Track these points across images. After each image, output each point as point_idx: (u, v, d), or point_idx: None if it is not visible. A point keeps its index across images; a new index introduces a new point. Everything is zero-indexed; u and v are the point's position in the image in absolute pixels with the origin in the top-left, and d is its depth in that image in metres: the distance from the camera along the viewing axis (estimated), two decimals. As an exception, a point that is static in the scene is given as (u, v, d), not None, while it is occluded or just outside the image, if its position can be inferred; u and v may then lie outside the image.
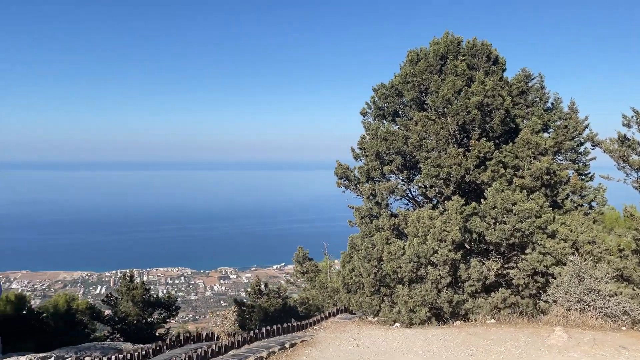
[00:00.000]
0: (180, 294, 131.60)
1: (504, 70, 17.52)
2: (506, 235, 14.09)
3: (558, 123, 17.82)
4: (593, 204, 17.29)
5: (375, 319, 15.19)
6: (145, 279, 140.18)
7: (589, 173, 18.10)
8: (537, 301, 14.15)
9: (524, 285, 14.45)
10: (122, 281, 30.08)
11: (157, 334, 29.69)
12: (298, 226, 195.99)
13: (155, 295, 30.55)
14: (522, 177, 15.16)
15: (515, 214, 13.99)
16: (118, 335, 28.44)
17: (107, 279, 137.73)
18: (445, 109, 15.57)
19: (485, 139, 15.56)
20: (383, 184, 16.45)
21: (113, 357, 10.35)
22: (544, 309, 13.48)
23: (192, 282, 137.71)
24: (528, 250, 14.37)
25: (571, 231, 14.55)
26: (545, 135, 17.43)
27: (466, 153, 15.49)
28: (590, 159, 17.98)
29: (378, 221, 16.31)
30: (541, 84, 18.60)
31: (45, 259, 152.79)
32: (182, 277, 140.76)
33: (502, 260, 14.97)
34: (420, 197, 17.55)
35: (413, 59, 16.93)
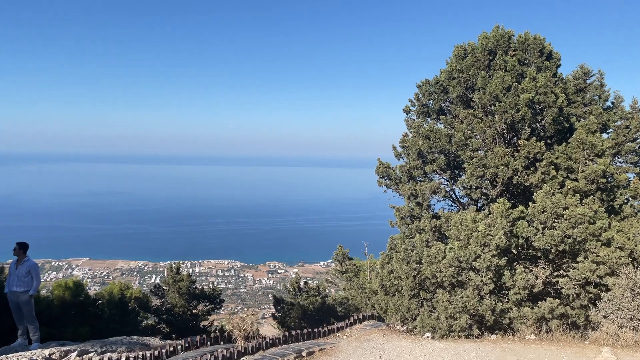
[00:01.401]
0: (230, 286, 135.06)
1: (559, 66, 16.47)
2: (556, 242, 13.19)
3: (618, 123, 16.58)
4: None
5: (405, 327, 14.64)
6: (197, 270, 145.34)
7: (653, 176, 16.75)
8: (588, 313, 13.19)
9: (574, 296, 13.52)
10: (169, 272, 30.86)
11: (201, 326, 30.36)
12: (344, 224, 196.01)
13: (200, 288, 31.13)
14: (575, 180, 14.17)
15: (566, 219, 13.07)
16: (164, 326, 29.23)
17: (161, 268, 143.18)
18: (492, 107, 14.77)
19: (535, 138, 14.65)
20: (425, 184, 15.86)
21: (124, 357, 10.36)
22: (595, 322, 12.52)
23: (242, 275, 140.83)
24: (580, 259, 13.41)
25: (629, 239, 13.47)
26: (604, 135, 16.29)
27: (514, 153, 14.65)
28: (655, 162, 16.63)
29: (419, 222, 15.75)
30: (601, 82, 17.38)
31: (105, 248, 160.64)
32: (232, 270, 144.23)
33: (550, 268, 14.07)
34: (465, 199, 16.81)
35: (460, 54, 16.20)
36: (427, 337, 13.59)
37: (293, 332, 13.00)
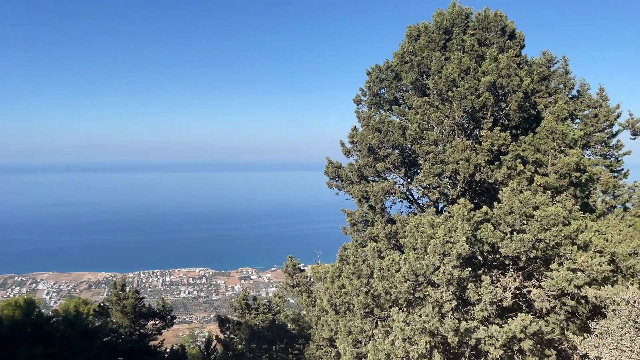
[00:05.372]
0: (202, 294, 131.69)
1: (523, 47, 14.66)
2: (526, 248, 11.26)
3: (586, 112, 14.98)
4: (628, 204, 14.38)
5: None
6: (167, 279, 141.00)
7: (622, 169, 15.28)
8: (567, 330, 11.30)
9: (549, 309, 11.61)
10: (113, 290, 28.10)
11: (151, 346, 27.78)
12: (317, 227, 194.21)
13: (148, 305, 28.43)
14: (545, 174, 12.30)
15: (537, 221, 11.18)
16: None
17: (130, 279, 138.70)
18: (450, 93, 12.80)
19: (499, 128, 12.74)
20: (377, 184, 13.79)
21: None
22: (576, 343, 10.58)
23: (214, 283, 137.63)
24: (554, 266, 11.52)
25: (607, 240, 11.67)
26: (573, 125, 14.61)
27: (476, 146, 12.72)
28: (624, 153, 15.09)
29: (372, 229, 13.67)
30: (565, 69, 15.82)
31: (70, 260, 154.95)
32: (203, 278, 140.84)
33: (521, 278, 12.15)
34: (424, 200, 14.83)
35: (412, 35, 14.21)
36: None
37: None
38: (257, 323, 20.01)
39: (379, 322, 12.83)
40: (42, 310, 50.27)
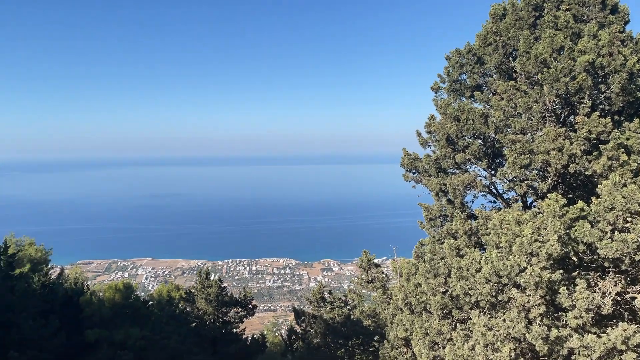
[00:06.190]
0: (286, 284, 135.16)
1: (627, 22, 12.90)
2: (630, 249, 9.86)
3: None
4: None
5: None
6: (253, 268, 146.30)
7: None
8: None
9: (658, 320, 10.14)
10: (198, 278, 29.21)
11: (234, 332, 28.56)
12: (396, 220, 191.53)
13: (230, 294, 29.23)
14: (655, 165, 10.73)
15: (644, 218, 9.74)
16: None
17: (219, 267, 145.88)
18: (540, 75, 11.52)
19: (598, 114, 11.28)
20: (457, 177, 12.83)
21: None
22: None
23: (297, 273, 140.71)
24: (665, 270, 10.02)
25: None
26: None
27: (570, 134, 11.38)
28: None
29: (451, 224, 12.77)
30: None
31: (166, 248, 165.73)
32: (287, 268, 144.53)
33: (623, 282, 10.71)
34: (511, 194, 13.61)
35: (497, 14, 13.01)
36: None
37: None
38: (333, 317, 19.72)
39: (457, 325, 11.98)
40: (141, 294, 54.22)
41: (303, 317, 21.20)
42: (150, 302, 36.23)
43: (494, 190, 13.45)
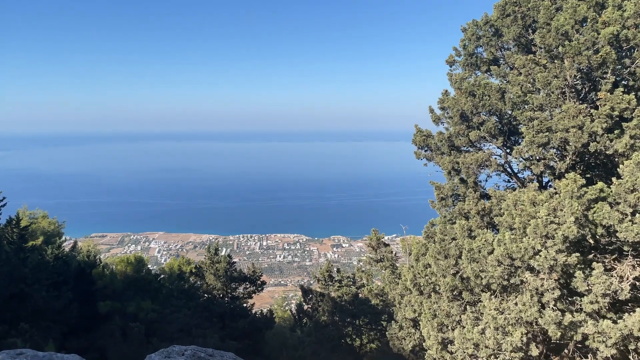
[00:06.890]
0: (296, 259, 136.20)
1: (658, -10, 12.15)
2: (651, 232, 9.42)
3: None
4: None
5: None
6: (264, 243, 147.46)
7: None
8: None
9: (678, 306, 9.73)
10: (207, 253, 29.22)
11: (244, 307, 28.66)
12: (407, 198, 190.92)
13: (239, 269, 29.25)
14: (681, 145, 10.16)
15: (667, 201, 9.26)
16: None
17: (230, 242, 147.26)
18: (560, 48, 10.90)
19: (622, 90, 10.68)
20: (470, 155, 12.36)
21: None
22: None
23: (307, 249, 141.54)
24: (687, 255, 9.57)
25: None
26: None
27: (592, 111, 10.81)
28: None
29: (463, 204, 12.35)
30: None
31: (179, 222, 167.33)
32: (297, 243, 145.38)
33: (643, 267, 10.28)
34: (526, 173, 13.11)
35: (517, -16, 12.31)
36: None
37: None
38: (340, 295, 19.58)
39: (467, 307, 11.68)
40: (154, 267, 54.62)
41: (311, 295, 21.13)
42: (161, 276, 36.49)
43: (508, 170, 12.96)
